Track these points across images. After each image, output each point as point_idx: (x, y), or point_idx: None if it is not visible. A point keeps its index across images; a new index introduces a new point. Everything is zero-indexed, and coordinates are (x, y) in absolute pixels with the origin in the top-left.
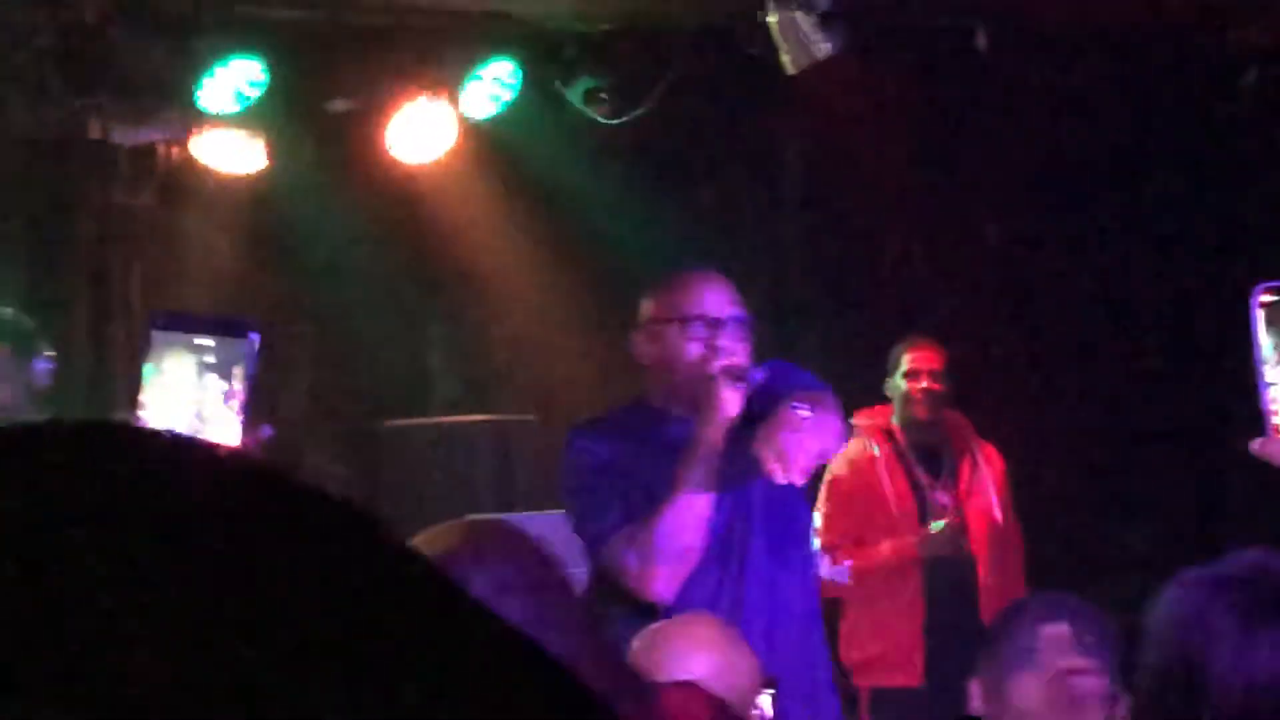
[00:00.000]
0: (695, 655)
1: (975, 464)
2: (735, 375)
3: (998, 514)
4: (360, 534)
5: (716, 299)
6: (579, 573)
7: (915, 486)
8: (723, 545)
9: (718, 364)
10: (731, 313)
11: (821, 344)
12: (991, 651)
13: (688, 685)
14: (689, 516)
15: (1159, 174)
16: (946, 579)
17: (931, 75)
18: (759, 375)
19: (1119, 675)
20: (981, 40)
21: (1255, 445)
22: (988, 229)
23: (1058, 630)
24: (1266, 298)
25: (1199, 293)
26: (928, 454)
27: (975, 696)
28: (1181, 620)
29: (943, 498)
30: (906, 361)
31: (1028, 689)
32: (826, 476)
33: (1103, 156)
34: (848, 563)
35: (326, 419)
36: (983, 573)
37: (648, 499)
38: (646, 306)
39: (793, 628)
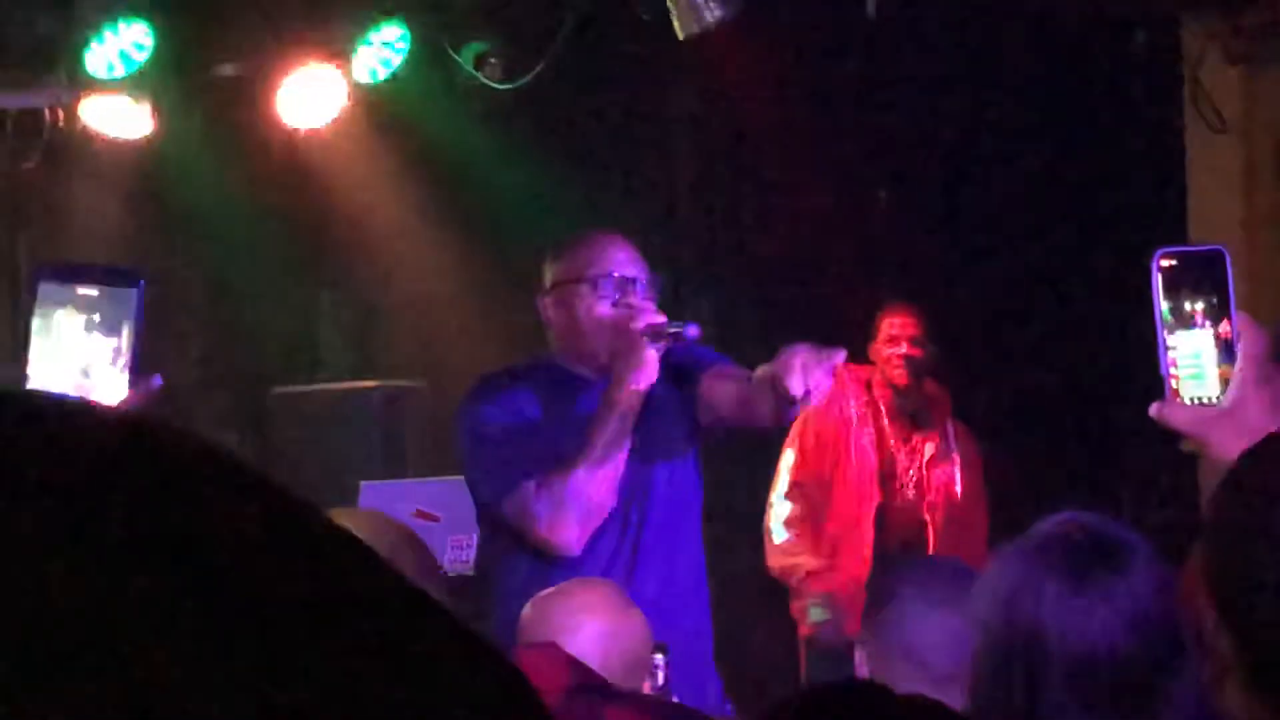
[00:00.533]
0: (586, 620)
1: (946, 437)
2: (657, 333)
3: (958, 489)
4: (252, 487)
5: (624, 258)
6: (473, 537)
7: (882, 447)
8: (623, 510)
9: (640, 323)
10: (639, 271)
11: (714, 307)
12: (874, 617)
13: (547, 646)
14: (604, 470)
15: (1048, 138)
16: (897, 540)
17: (821, 40)
18: (693, 331)
19: None
20: (871, 7)
21: (1154, 409)
22: (879, 194)
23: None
24: (1165, 262)
25: (1094, 258)
26: (902, 418)
27: (861, 663)
28: (1010, 593)
29: (906, 462)
30: (885, 327)
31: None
32: (802, 415)
33: (994, 119)
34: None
35: (216, 386)
36: (933, 542)
37: (554, 457)
38: (552, 269)
39: (681, 601)
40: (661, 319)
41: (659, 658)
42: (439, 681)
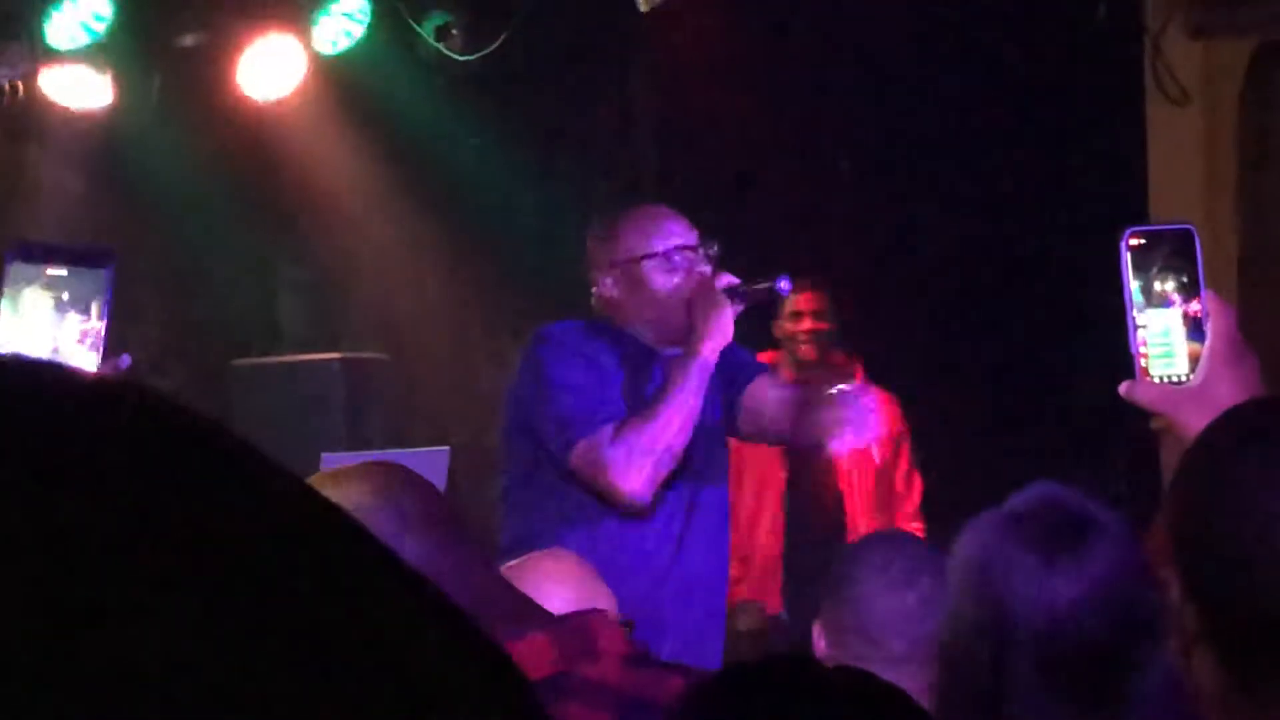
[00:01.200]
0: (551, 592)
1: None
2: (747, 289)
3: (875, 456)
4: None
5: (682, 229)
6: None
7: None
8: (675, 491)
9: (722, 281)
10: (697, 238)
11: None
12: (832, 594)
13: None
14: (679, 417)
15: (1007, 109)
16: (809, 512)
17: (782, 14)
18: (785, 285)
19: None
20: None
21: (1124, 388)
22: (840, 165)
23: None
24: (1134, 241)
25: (1055, 230)
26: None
27: (819, 638)
28: (980, 563)
29: None
30: (790, 303)
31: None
32: None
33: (953, 91)
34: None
35: (177, 357)
36: (850, 510)
37: (628, 410)
38: (607, 247)
39: (713, 583)
40: (736, 280)
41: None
42: (416, 663)
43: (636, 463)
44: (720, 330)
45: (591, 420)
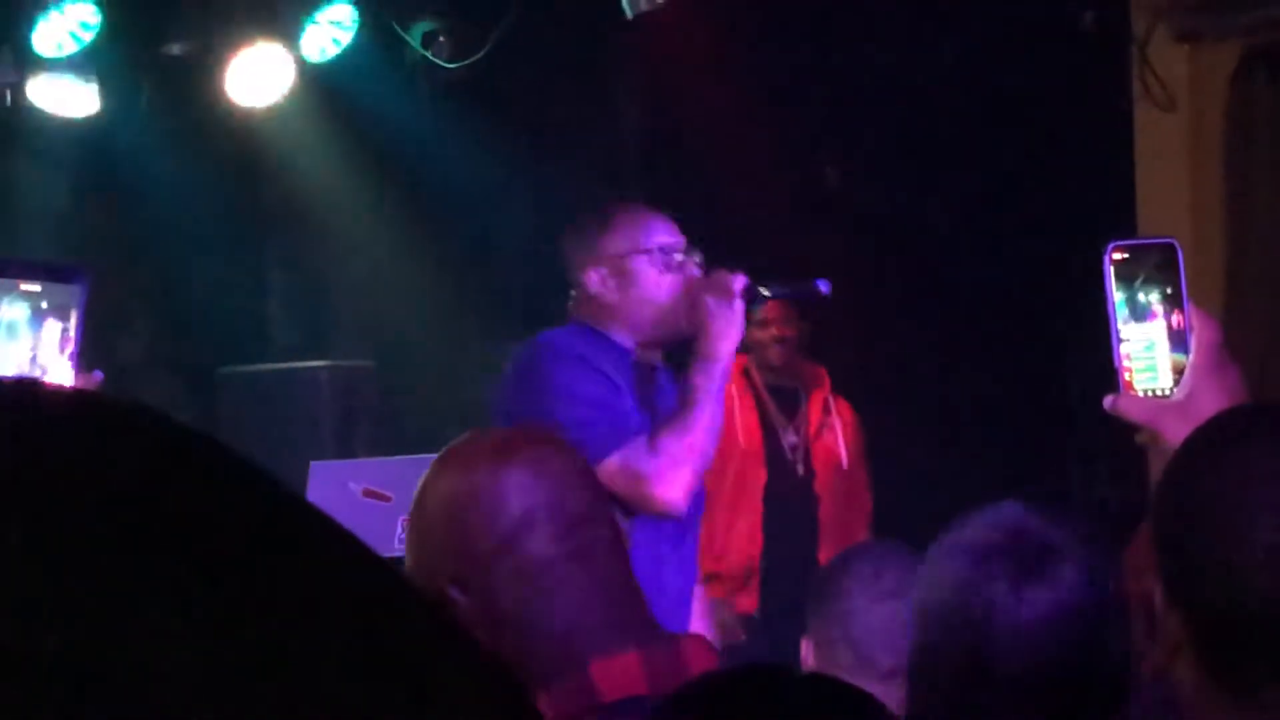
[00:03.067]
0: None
1: (828, 410)
2: (785, 284)
3: (844, 459)
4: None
5: (669, 229)
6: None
7: (766, 425)
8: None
9: (738, 283)
10: (685, 242)
11: None
12: (819, 607)
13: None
14: (712, 424)
15: (995, 116)
16: (788, 514)
17: (770, 18)
18: (824, 287)
19: None
20: None
21: (1108, 402)
22: (826, 171)
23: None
24: (1118, 255)
25: (1042, 236)
26: (782, 398)
27: (807, 653)
28: (954, 596)
29: (792, 438)
30: (759, 309)
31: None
32: None
33: (940, 97)
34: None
35: (164, 365)
36: (824, 513)
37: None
38: (597, 243)
39: (683, 594)
40: (746, 279)
41: None
42: (416, 684)
43: (677, 474)
44: (734, 330)
45: (616, 434)
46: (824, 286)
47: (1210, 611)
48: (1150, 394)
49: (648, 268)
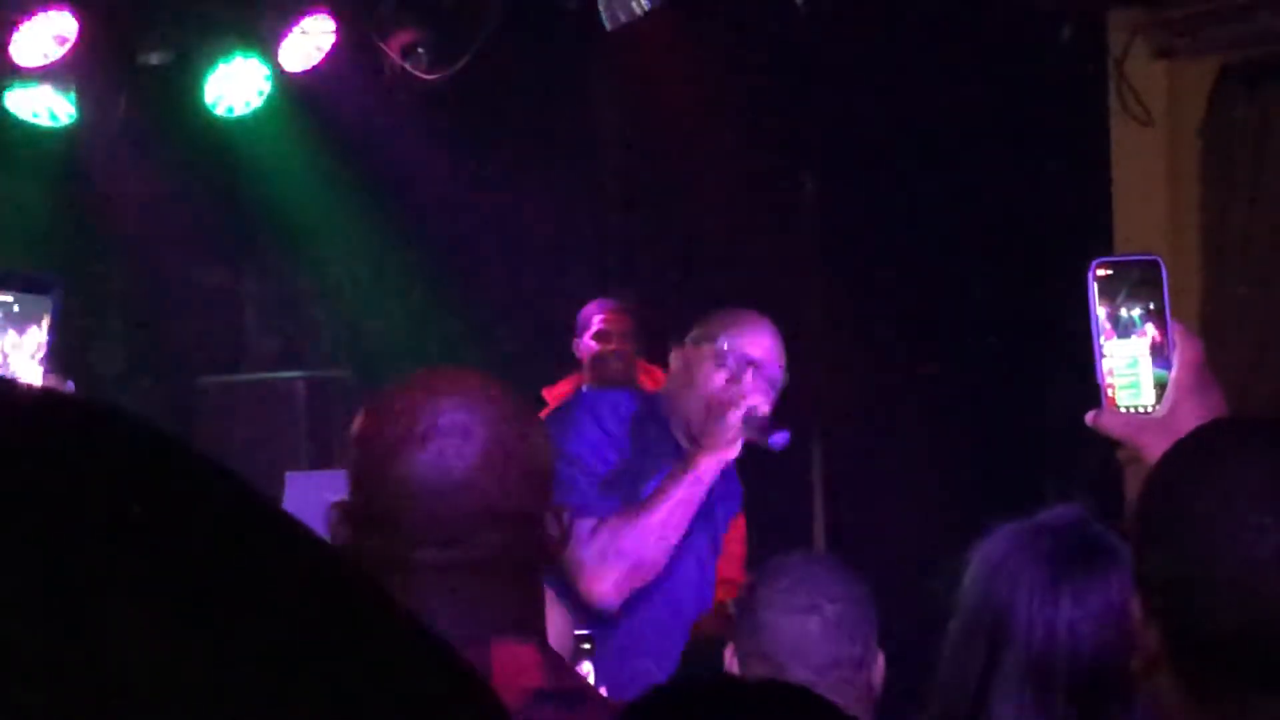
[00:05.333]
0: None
1: None
2: (756, 425)
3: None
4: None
5: (763, 344)
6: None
7: None
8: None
9: (744, 406)
10: (770, 363)
11: (639, 294)
12: (740, 619)
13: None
14: (665, 530)
15: (971, 130)
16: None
17: (749, 33)
18: (781, 440)
19: (870, 638)
20: None
21: (1090, 417)
22: (803, 182)
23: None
24: (1101, 272)
25: (1019, 250)
26: None
27: (730, 662)
28: (991, 568)
29: None
30: (597, 322)
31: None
32: None
33: (917, 111)
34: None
35: (141, 376)
36: None
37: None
38: (698, 324)
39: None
40: (765, 410)
41: (585, 647)
42: (383, 679)
43: (609, 566)
44: (725, 448)
45: (580, 507)
46: (779, 439)
47: (1187, 625)
48: (1133, 410)
49: (706, 360)
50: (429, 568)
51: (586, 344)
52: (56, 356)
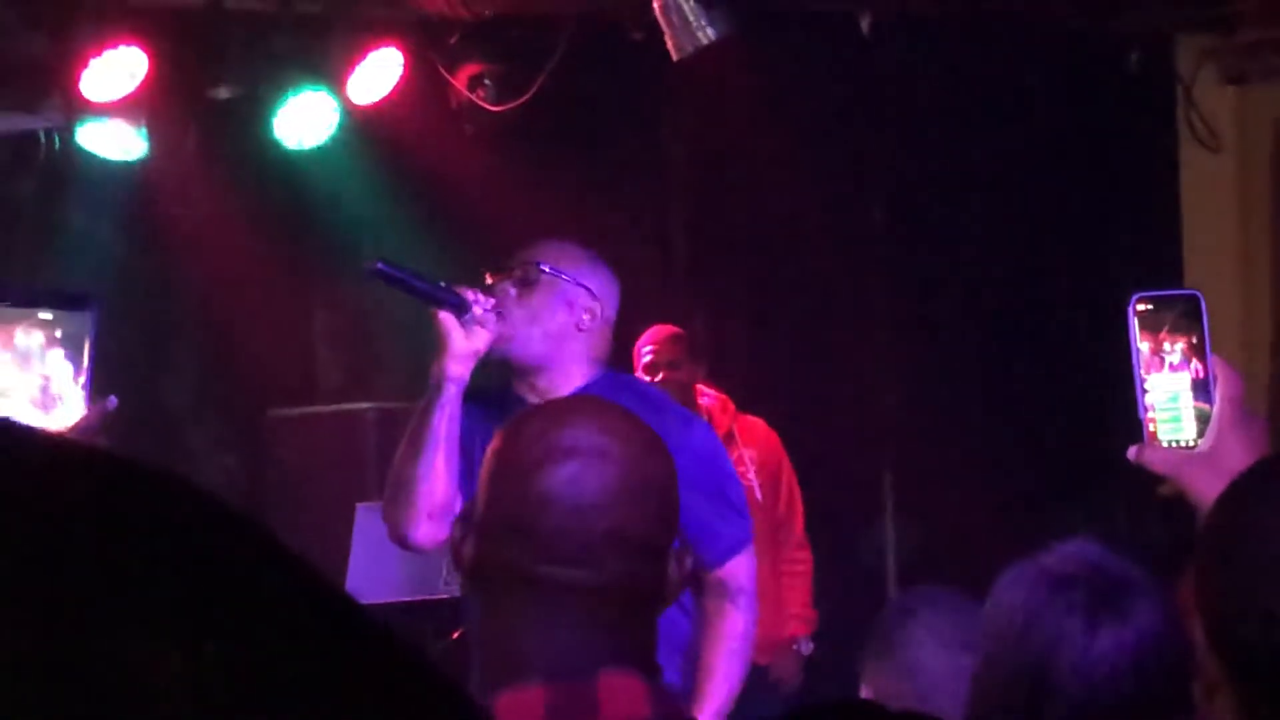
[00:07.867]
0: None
1: (733, 440)
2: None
3: (756, 491)
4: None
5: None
6: None
7: None
8: None
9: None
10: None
11: (707, 325)
12: (882, 656)
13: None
14: (410, 443)
15: (1041, 158)
16: None
17: (816, 60)
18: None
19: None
20: (865, 25)
21: (1132, 452)
22: (873, 214)
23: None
24: (1141, 306)
25: (1089, 277)
26: None
27: (868, 698)
28: (1024, 622)
29: None
30: (646, 353)
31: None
32: None
33: (988, 139)
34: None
35: (211, 409)
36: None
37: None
38: None
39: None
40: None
41: None
42: (373, 703)
43: (386, 503)
44: (444, 346)
45: None
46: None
47: (1248, 655)
48: (1175, 444)
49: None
50: (555, 584)
51: (639, 378)
52: (104, 378)
